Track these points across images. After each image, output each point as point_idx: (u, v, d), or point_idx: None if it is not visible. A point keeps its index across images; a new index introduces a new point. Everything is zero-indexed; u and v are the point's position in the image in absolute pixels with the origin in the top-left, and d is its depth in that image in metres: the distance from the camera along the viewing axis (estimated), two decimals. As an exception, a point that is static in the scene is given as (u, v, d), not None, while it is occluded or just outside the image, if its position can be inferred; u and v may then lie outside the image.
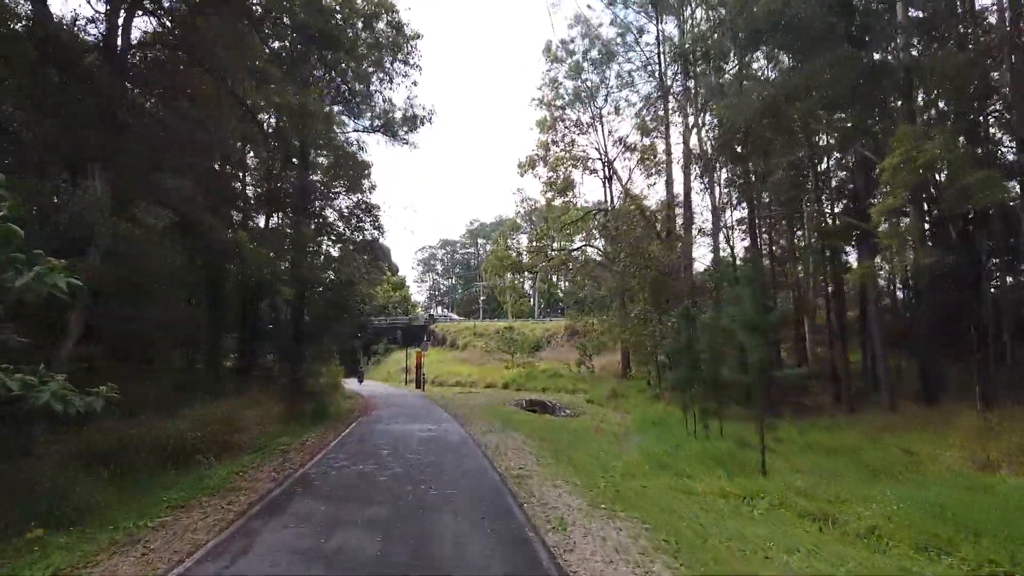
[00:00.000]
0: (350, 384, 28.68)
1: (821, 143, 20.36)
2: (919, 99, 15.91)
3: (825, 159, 20.00)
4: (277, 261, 14.45)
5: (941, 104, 15.90)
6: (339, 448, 10.39)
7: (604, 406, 22.49)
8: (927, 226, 16.35)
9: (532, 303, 64.94)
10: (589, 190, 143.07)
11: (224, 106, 9.31)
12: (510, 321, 48.75)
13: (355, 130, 19.10)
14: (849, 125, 16.85)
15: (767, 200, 22.88)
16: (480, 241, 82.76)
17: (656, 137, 27.94)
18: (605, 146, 29.73)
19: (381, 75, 18.11)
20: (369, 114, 20.34)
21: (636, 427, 16.44)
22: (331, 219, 19.97)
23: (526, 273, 43.87)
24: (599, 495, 6.88)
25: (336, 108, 18.81)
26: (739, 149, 21.27)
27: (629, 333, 24.15)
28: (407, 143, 19.56)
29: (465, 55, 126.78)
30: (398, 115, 19.29)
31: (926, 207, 16.21)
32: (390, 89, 18.70)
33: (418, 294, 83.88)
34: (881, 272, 19.82)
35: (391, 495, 6.61)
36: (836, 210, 21.01)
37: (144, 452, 7.66)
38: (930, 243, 14.17)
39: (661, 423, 16.05)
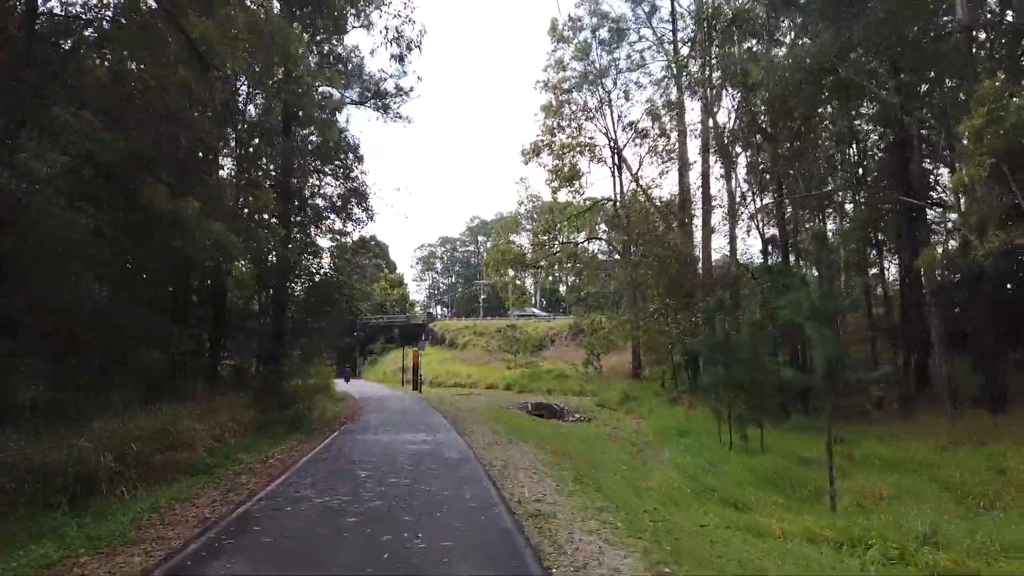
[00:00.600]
0: (339, 385, 26.69)
1: (859, 126, 18.49)
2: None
3: (868, 136, 18.01)
4: (250, 242, 12.43)
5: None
6: (308, 468, 8.39)
7: (616, 410, 20.60)
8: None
9: (534, 301, 62.99)
10: (596, 179, 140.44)
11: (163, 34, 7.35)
12: (512, 319, 46.78)
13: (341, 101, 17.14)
14: (896, 94, 14.92)
15: (785, 189, 20.97)
16: (480, 239, 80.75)
17: (670, 120, 26.00)
18: (614, 132, 27.78)
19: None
20: (359, 88, 18.43)
21: (657, 435, 14.58)
22: (320, 205, 18.16)
23: (528, 270, 41.81)
24: (653, 546, 4.90)
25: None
26: (766, 126, 19.33)
27: (642, 331, 22.27)
28: (400, 117, 17.63)
29: (464, 46, 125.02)
30: (390, 85, 17.34)
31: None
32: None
33: (417, 293, 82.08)
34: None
35: (360, 550, 4.63)
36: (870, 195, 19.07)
37: (34, 482, 5.71)
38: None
39: (686, 432, 14.18)
